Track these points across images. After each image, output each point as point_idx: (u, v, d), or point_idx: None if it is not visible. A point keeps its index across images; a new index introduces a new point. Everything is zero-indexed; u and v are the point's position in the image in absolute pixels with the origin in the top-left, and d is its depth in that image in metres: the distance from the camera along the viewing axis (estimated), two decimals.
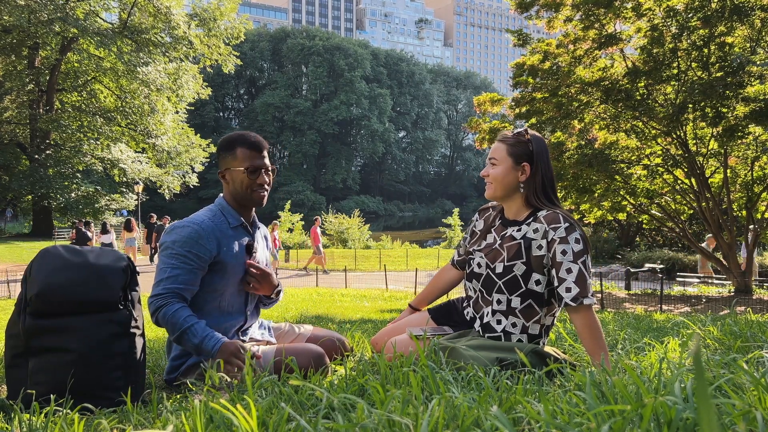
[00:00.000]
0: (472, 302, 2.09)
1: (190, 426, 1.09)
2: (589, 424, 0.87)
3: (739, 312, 7.11)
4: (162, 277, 2.03)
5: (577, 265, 1.86)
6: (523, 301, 1.94)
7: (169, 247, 2.05)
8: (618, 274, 16.50)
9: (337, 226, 29.29)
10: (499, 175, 2.01)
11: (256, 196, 2.18)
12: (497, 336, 1.97)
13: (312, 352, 1.99)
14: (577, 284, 1.85)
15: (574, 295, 1.85)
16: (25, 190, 26.27)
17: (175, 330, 1.96)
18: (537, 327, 1.97)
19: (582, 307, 1.84)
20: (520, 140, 2.03)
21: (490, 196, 2.07)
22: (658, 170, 11.66)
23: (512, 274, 1.94)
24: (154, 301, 2.00)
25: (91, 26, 24.45)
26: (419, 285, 13.93)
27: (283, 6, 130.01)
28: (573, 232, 1.88)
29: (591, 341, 1.82)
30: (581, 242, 1.88)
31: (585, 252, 1.89)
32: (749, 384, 1.09)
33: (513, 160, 2.01)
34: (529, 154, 2.02)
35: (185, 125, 30.78)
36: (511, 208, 2.06)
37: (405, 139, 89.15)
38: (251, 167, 2.13)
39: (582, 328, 1.84)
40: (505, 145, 2.03)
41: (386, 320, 5.84)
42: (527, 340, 1.96)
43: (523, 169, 2.01)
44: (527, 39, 11.75)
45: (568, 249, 1.87)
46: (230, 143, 2.17)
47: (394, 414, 0.99)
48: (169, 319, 1.97)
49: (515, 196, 2.03)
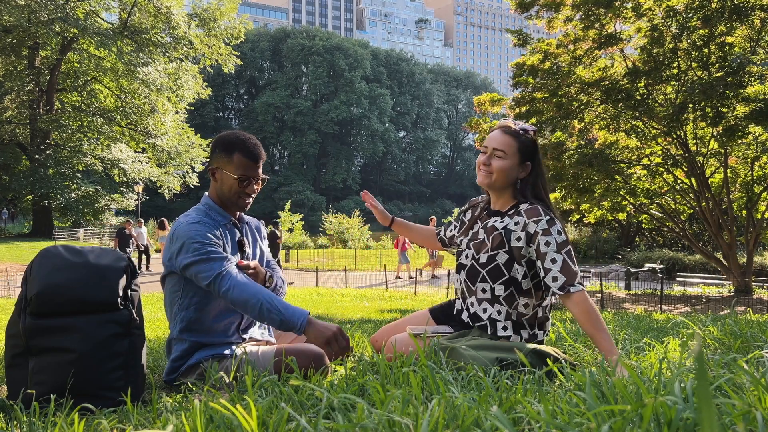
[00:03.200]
0: (460, 293, 2.14)
1: (190, 426, 1.09)
2: (589, 424, 0.87)
3: (739, 312, 7.11)
4: (211, 262, 2.01)
5: (561, 255, 1.90)
6: (506, 289, 1.99)
7: (191, 243, 2.04)
8: (618, 274, 16.51)
9: (337, 226, 29.29)
10: (505, 169, 2.02)
11: (242, 202, 2.19)
12: (484, 324, 2.01)
13: (312, 352, 1.99)
14: (563, 273, 1.89)
15: (560, 284, 1.89)
16: (25, 190, 26.26)
17: (253, 305, 1.98)
18: (522, 314, 2.00)
19: (573, 294, 1.88)
20: (528, 138, 2.05)
21: (485, 184, 2.07)
22: (658, 170, 11.65)
23: (495, 263, 1.99)
24: (220, 282, 1.98)
25: (91, 26, 24.43)
26: (419, 285, 13.93)
27: (283, 6, 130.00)
28: (554, 224, 1.93)
29: (589, 325, 1.84)
30: (563, 233, 1.94)
31: (567, 242, 1.94)
32: (749, 384, 1.09)
33: (520, 157, 2.03)
34: (533, 155, 2.05)
35: (185, 125, 30.77)
36: (499, 200, 2.10)
37: (405, 139, 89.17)
38: (244, 176, 2.14)
39: (578, 314, 1.87)
40: (515, 141, 2.03)
41: (386, 320, 5.84)
42: (512, 328, 1.99)
43: (525, 168, 2.04)
44: (527, 39, 11.75)
45: (551, 240, 1.91)
46: (229, 145, 2.16)
47: (394, 414, 0.99)
48: (237, 296, 1.98)
49: (508, 189, 2.07)
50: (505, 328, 1.99)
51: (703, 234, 17.73)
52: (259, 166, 2.20)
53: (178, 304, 2.15)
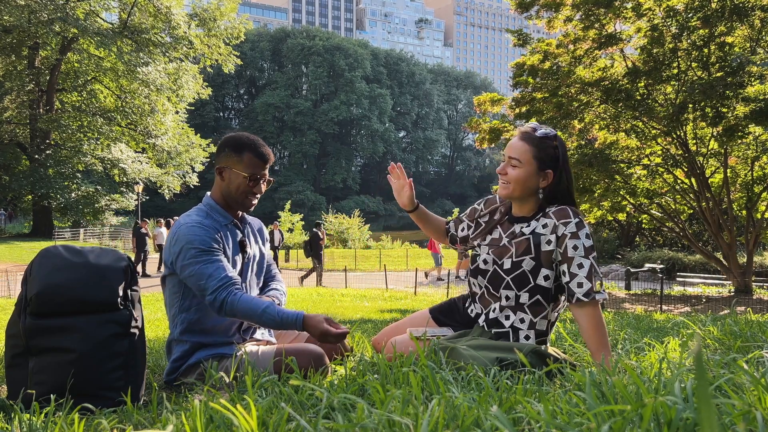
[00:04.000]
0: (478, 298, 2.05)
1: (190, 426, 1.09)
2: (589, 424, 0.87)
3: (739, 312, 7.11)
4: (209, 272, 2.01)
5: (589, 261, 1.83)
6: (532, 297, 1.92)
7: (191, 248, 2.04)
8: (618, 274, 16.51)
9: (337, 226, 29.29)
10: (520, 178, 1.91)
11: (248, 202, 2.20)
12: (505, 332, 1.95)
13: (312, 352, 1.99)
14: (589, 279, 1.82)
15: (586, 290, 1.82)
16: (25, 190, 26.26)
17: (252, 317, 2.00)
18: (544, 323, 1.95)
19: (591, 303, 1.83)
20: (548, 144, 1.92)
21: (505, 196, 1.98)
22: (658, 170, 11.65)
23: (521, 270, 1.91)
24: (216, 296, 1.99)
25: (91, 26, 24.43)
26: (419, 285, 13.92)
27: (283, 6, 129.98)
28: (583, 227, 1.86)
29: (596, 338, 1.80)
30: (591, 238, 1.86)
31: (594, 248, 1.87)
32: (749, 384, 1.09)
33: (537, 164, 1.91)
34: (555, 161, 1.92)
35: (185, 125, 30.76)
36: (522, 208, 2.00)
37: (405, 139, 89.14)
38: (254, 176, 2.16)
39: (588, 324, 1.82)
40: (531, 147, 1.91)
41: (386, 320, 5.84)
42: (534, 336, 1.94)
43: (545, 175, 1.92)
44: (527, 39, 11.75)
45: (579, 244, 1.84)
46: (240, 145, 2.17)
47: (394, 414, 0.99)
48: (238, 308, 1.99)
49: (530, 199, 1.97)
50: (527, 338, 1.93)
51: (703, 234, 17.73)
52: (267, 168, 2.22)
53: (178, 305, 2.15)
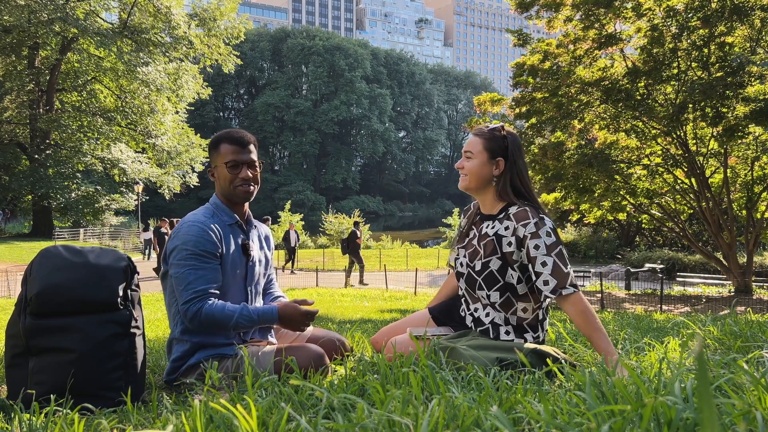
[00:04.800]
0: (463, 299, 2.16)
1: (190, 426, 1.09)
2: (589, 424, 0.87)
3: (739, 312, 7.11)
4: (189, 280, 2.02)
5: (551, 258, 1.89)
6: (502, 295, 1.99)
7: (183, 248, 2.04)
8: (618, 274, 16.51)
9: (337, 226, 29.28)
10: (474, 168, 2.07)
11: (240, 191, 2.18)
12: (486, 328, 2.02)
13: (312, 352, 1.99)
14: (554, 276, 1.88)
15: (552, 287, 1.88)
16: (25, 190, 26.27)
17: (227, 325, 2.02)
18: (515, 318, 2.00)
19: (568, 297, 1.88)
20: (496, 135, 2.08)
21: (463, 188, 2.13)
22: (658, 170, 11.65)
23: (489, 270, 1.99)
24: (189, 307, 2.00)
25: (91, 26, 24.43)
26: (419, 285, 13.94)
27: (283, 6, 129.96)
28: (543, 226, 1.92)
29: (585, 325, 1.84)
30: (552, 235, 1.92)
31: (558, 244, 1.92)
32: (749, 384, 1.09)
33: (488, 154, 2.06)
34: (504, 150, 2.07)
35: (185, 125, 30.78)
36: (485, 203, 2.12)
37: (405, 139, 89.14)
38: (232, 162, 2.15)
39: (573, 314, 1.87)
40: (481, 139, 2.08)
41: (386, 320, 5.84)
42: (514, 332, 1.99)
43: (497, 164, 2.06)
44: (527, 39, 11.75)
45: (540, 243, 1.91)
46: (216, 140, 2.21)
47: (394, 414, 0.99)
48: (211, 318, 2.00)
49: (488, 189, 2.09)
50: (507, 333, 1.99)
51: (703, 234, 17.73)
52: (249, 150, 2.19)
53: (177, 305, 2.15)
